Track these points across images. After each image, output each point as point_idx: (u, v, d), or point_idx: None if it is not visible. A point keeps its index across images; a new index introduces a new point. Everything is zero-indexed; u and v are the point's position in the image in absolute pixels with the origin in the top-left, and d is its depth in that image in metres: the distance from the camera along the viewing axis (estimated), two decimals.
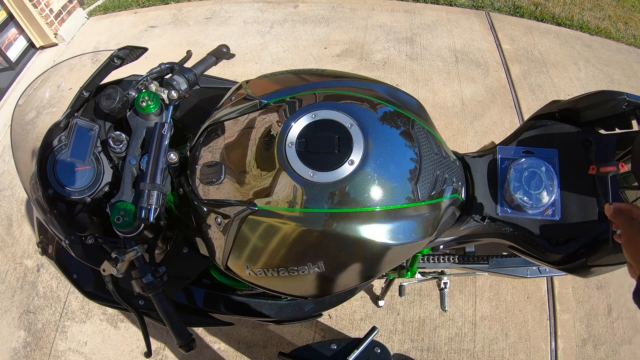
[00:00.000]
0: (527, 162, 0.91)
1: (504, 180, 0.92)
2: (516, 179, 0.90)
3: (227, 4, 3.40)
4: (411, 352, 1.69)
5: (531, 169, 0.90)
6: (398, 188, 0.75)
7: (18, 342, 1.79)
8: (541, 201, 0.89)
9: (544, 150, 0.93)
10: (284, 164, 0.73)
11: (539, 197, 0.88)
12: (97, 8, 3.59)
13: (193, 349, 0.79)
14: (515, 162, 0.92)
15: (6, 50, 2.95)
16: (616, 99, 0.90)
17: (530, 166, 0.90)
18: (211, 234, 0.84)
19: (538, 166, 0.90)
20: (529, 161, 0.91)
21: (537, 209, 0.89)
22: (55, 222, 0.83)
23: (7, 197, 2.24)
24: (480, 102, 2.55)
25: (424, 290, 1.83)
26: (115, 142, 0.85)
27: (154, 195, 0.81)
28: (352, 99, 0.82)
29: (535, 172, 0.90)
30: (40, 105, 0.95)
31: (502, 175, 0.93)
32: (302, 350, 1.07)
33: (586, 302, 1.80)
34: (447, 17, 3.19)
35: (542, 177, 0.89)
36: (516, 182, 0.90)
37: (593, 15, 3.28)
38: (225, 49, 1.08)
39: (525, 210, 0.90)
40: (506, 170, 0.93)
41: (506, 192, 0.92)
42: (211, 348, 1.72)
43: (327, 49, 2.93)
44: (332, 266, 0.76)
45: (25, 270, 1.98)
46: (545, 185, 0.89)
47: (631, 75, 2.80)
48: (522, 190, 0.89)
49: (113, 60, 0.92)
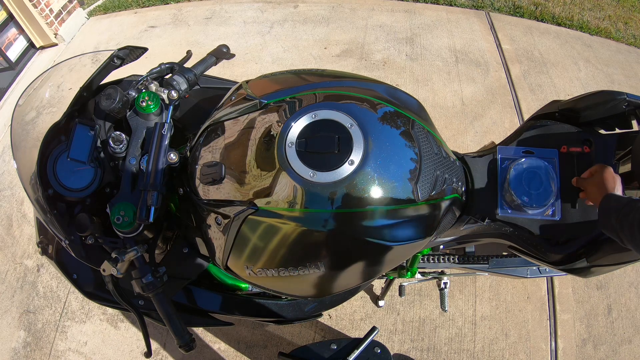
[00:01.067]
0: (527, 162, 0.91)
1: (504, 180, 0.92)
2: (516, 179, 0.90)
3: (227, 4, 3.40)
4: (411, 352, 1.69)
5: (531, 169, 0.90)
6: (398, 188, 0.75)
7: (18, 342, 1.79)
8: (541, 201, 0.88)
9: (543, 150, 0.93)
10: (284, 164, 0.73)
11: (539, 197, 0.88)
12: (97, 8, 3.59)
13: (193, 349, 0.79)
14: (515, 162, 0.92)
15: (6, 50, 2.94)
16: (616, 99, 0.90)
17: (530, 166, 0.91)
18: (211, 234, 0.84)
19: (538, 166, 0.90)
20: (529, 161, 0.91)
21: (537, 209, 0.89)
22: (55, 222, 0.83)
23: (7, 197, 2.24)
24: (480, 102, 2.55)
25: (424, 290, 1.83)
26: (115, 142, 0.85)
27: (154, 195, 0.81)
28: (352, 99, 0.81)
29: (535, 172, 0.90)
30: (40, 105, 0.95)
31: (502, 175, 0.93)
32: (302, 350, 1.07)
33: (586, 302, 1.80)
34: (447, 17, 3.19)
35: (541, 177, 0.90)
36: (516, 182, 0.90)
37: (593, 15, 3.28)
38: (225, 49, 1.08)
39: (525, 210, 0.90)
40: (506, 170, 0.93)
41: (506, 192, 0.92)
42: (211, 348, 1.72)
43: (327, 49, 2.93)
44: (332, 266, 0.76)
45: (25, 270, 1.98)
46: (545, 185, 0.89)
47: (631, 75, 2.80)
48: (522, 190, 0.89)
49: (113, 60, 0.92)
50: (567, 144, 0.94)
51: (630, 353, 1.69)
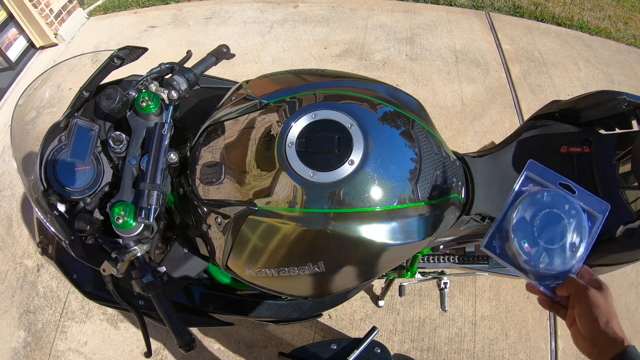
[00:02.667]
0: (555, 197, 0.60)
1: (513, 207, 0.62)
2: (527, 212, 0.60)
3: (227, 4, 3.40)
4: (411, 352, 1.69)
5: (556, 209, 0.59)
6: (398, 188, 0.75)
7: (18, 342, 1.79)
8: (549, 262, 0.58)
9: (591, 197, 0.60)
10: (284, 164, 0.73)
11: (548, 256, 0.59)
12: (97, 8, 3.59)
13: (193, 349, 0.79)
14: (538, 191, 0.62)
15: (6, 50, 2.94)
16: (616, 99, 0.90)
17: (557, 204, 0.60)
18: (211, 234, 0.84)
19: (570, 211, 0.59)
20: (559, 197, 0.60)
21: (536, 270, 0.59)
22: (55, 222, 0.83)
23: (7, 197, 2.24)
24: (480, 102, 2.55)
25: (424, 290, 1.83)
26: (115, 142, 0.85)
27: (154, 195, 0.81)
28: (352, 99, 0.82)
29: (559, 218, 0.59)
30: (40, 105, 0.95)
31: (513, 199, 0.62)
32: (302, 350, 1.07)
33: None
34: (447, 17, 3.19)
35: (565, 228, 0.58)
36: (524, 219, 0.60)
37: (593, 15, 3.28)
38: (225, 49, 1.08)
39: (517, 261, 0.61)
40: (520, 195, 0.62)
41: (507, 223, 0.62)
42: (211, 348, 1.71)
43: (327, 49, 2.93)
44: (332, 266, 0.76)
45: (25, 270, 1.98)
46: (563, 243, 0.58)
47: (631, 75, 2.80)
48: (525, 233, 0.60)
49: (113, 60, 0.92)
50: (567, 144, 0.93)
51: None
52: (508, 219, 0.61)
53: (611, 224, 0.87)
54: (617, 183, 0.90)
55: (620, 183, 0.91)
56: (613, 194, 0.89)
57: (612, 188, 0.90)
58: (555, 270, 0.58)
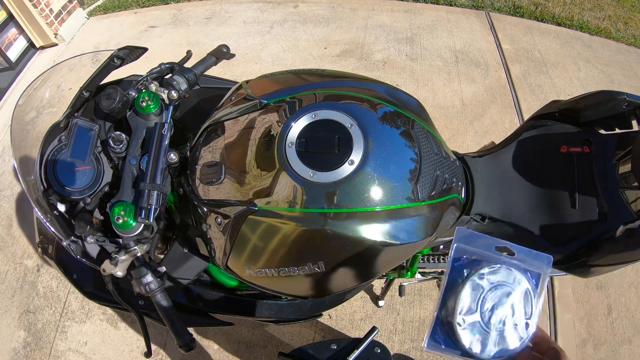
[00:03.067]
0: (498, 272, 0.53)
1: (453, 295, 0.53)
2: (471, 299, 0.52)
3: (227, 4, 3.40)
4: (411, 352, 1.69)
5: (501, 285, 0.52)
6: (398, 188, 0.75)
7: (18, 342, 1.79)
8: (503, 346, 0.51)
9: (531, 252, 0.54)
10: (284, 164, 0.73)
11: (501, 340, 0.51)
12: (97, 8, 3.59)
13: (193, 349, 0.79)
14: (477, 269, 0.53)
15: (6, 50, 2.94)
16: (616, 99, 0.90)
17: (502, 281, 0.52)
18: (211, 234, 0.84)
19: (516, 282, 0.52)
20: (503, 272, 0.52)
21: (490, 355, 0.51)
22: (55, 222, 0.83)
23: (7, 197, 2.24)
24: (480, 102, 2.55)
25: (424, 290, 1.83)
26: (115, 142, 0.85)
27: (154, 195, 0.81)
28: (352, 99, 0.81)
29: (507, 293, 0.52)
30: (40, 105, 0.95)
31: (449, 283, 0.53)
32: (302, 351, 1.07)
33: (586, 302, 1.80)
34: (447, 17, 3.19)
35: (514, 303, 0.52)
36: (471, 305, 0.52)
37: (593, 15, 3.28)
38: (225, 49, 1.08)
39: (469, 352, 0.52)
40: (459, 273, 0.54)
41: (448, 314, 0.53)
42: (211, 348, 1.71)
43: (327, 49, 2.93)
44: (332, 266, 0.76)
45: (25, 270, 1.98)
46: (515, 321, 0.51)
47: (631, 75, 2.81)
48: (473, 323, 0.52)
49: (113, 60, 0.92)
50: (567, 144, 0.93)
51: (630, 353, 1.69)
52: (450, 311, 0.53)
53: (611, 224, 0.87)
54: (617, 183, 0.90)
55: (620, 183, 0.91)
56: (613, 194, 0.89)
57: (612, 188, 0.90)
58: (511, 352, 0.51)
